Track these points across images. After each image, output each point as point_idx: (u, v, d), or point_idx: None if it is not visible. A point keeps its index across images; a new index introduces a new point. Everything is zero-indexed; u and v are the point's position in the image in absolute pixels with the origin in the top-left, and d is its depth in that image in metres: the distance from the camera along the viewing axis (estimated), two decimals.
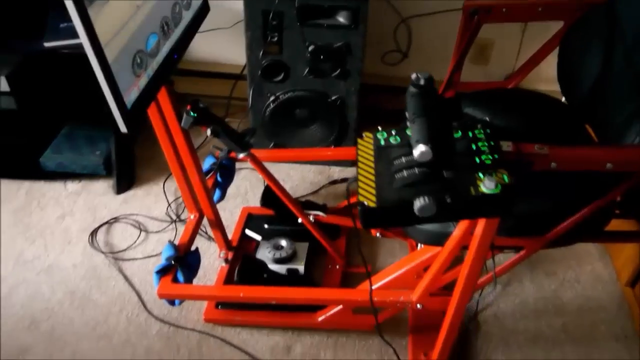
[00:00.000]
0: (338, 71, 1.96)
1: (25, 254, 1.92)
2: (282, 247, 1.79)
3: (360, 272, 1.78)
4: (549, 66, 1.61)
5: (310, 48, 1.91)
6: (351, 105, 2.07)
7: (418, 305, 1.42)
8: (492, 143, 0.97)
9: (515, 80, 1.69)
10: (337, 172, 2.28)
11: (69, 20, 0.90)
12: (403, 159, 0.94)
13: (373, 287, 1.38)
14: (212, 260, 1.89)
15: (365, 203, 0.90)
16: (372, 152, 1.01)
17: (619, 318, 1.70)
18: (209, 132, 1.42)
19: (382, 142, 1.01)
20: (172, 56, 1.25)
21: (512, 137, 1.01)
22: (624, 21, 1.35)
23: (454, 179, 0.90)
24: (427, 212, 0.87)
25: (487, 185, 0.88)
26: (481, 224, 1.07)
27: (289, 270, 1.74)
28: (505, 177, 0.90)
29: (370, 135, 1.04)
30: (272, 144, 2.20)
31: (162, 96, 1.36)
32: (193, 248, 1.59)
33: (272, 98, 2.06)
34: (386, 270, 1.48)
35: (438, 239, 1.26)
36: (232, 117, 2.39)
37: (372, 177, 0.95)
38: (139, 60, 1.09)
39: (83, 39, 0.93)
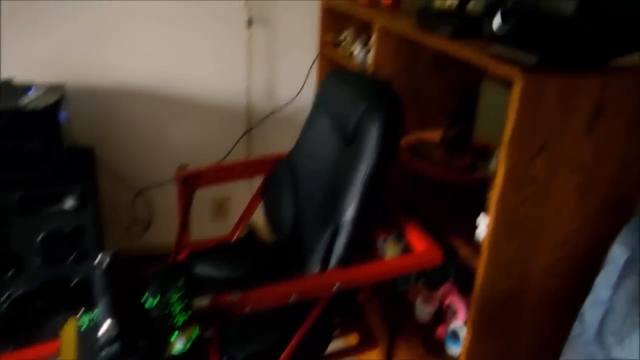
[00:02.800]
0: (74, 254, 1.96)
1: None
2: None
3: None
4: None
5: (40, 236, 1.90)
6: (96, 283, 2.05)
7: None
8: (186, 302, 1.08)
9: (236, 233, 1.88)
10: None
11: None
12: (101, 339, 0.99)
13: None
14: None
15: None
16: (74, 339, 1.04)
17: None
18: None
19: (84, 326, 1.05)
20: None
21: (234, 286, 1.13)
22: (300, 169, 1.65)
23: (148, 346, 0.97)
24: None
25: (177, 346, 0.97)
26: None
27: None
28: (195, 333, 1.00)
29: (73, 320, 1.08)
30: (12, 347, 2.02)
31: None
32: None
33: (3, 297, 1.94)
34: None
35: None
36: None
37: None
38: None
39: None
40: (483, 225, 1.32)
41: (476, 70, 1.76)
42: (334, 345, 1.54)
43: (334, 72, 1.70)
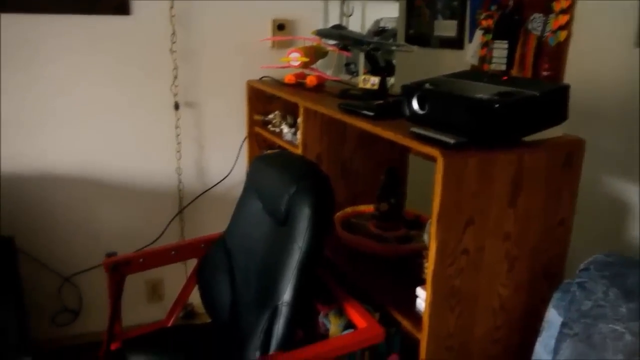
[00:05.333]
0: None
1: None
2: None
3: None
4: None
5: None
6: None
7: None
8: None
9: (172, 317, 1.81)
10: None
11: None
12: None
13: None
14: None
15: None
16: None
17: None
18: None
19: None
20: None
21: None
22: (234, 251, 1.64)
23: None
24: None
25: None
26: None
27: None
28: None
29: None
30: None
31: None
32: None
33: None
34: None
35: None
36: None
37: None
38: None
39: None
40: (422, 297, 1.35)
41: (401, 146, 1.85)
42: None
43: (261, 156, 1.73)
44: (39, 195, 2.22)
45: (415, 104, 1.28)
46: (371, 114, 1.50)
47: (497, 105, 1.13)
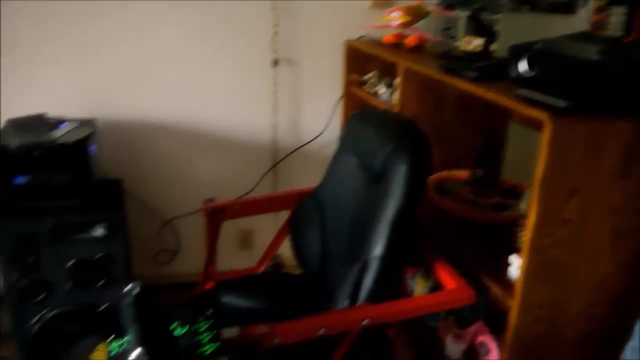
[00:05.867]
0: (103, 281, 1.99)
1: None
2: None
3: None
4: None
5: (70, 263, 1.94)
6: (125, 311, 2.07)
7: None
8: (215, 332, 1.09)
9: (263, 265, 1.89)
10: None
11: None
12: None
13: None
14: None
15: None
16: None
17: None
18: None
19: (113, 352, 1.07)
20: None
21: (261, 319, 1.13)
22: (327, 205, 1.67)
23: None
24: None
25: None
26: None
27: None
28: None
29: (103, 346, 1.09)
30: None
31: None
32: None
33: (35, 319, 1.98)
34: None
35: None
36: None
37: None
38: None
39: None
40: (516, 265, 1.32)
41: (502, 111, 1.78)
42: None
43: (360, 112, 1.73)
44: (147, 142, 2.37)
45: (523, 65, 1.22)
46: (474, 75, 1.46)
47: (617, 68, 1.05)
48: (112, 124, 2.28)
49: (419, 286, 1.72)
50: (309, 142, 2.50)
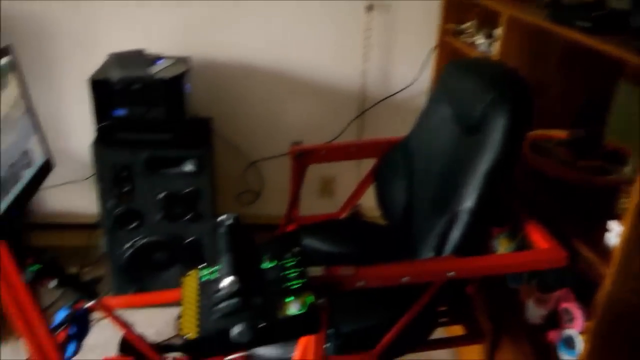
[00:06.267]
0: (190, 215, 2.08)
1: None
2: None
3: None
4: None
5: (161, 195, 2.03)
6: (208, 245, 2.17)
7: None
8: (301, 269, 1.11)
9: (344, 212, 1.90)
10: None
11: None
12: (219, 292, 1.04)
13: None
14: None
15: (187, 336, 0.98)
16: (195, 288, 1.10)
17: None
18: (51, 284, 1.43)
19: (204, 278, 1.12)
20: (11, 213, 1.29)
21: (340, 261, 1.15)
22: (415, 155, 1.64)
23: (264, 305, 1.01)
24: (244, 338, 0.97)
25: (292, 308, 1.00)
26: (311, 344, 1.17)
27: None
28: (310, 299, 1.03)
29: (195, 272, 1.15)
30: (132, 290, 2.21)
31: (2, 253, 1.37)
32: None
33: (127, 245, 2.11)
34: None
35: None
36: (89, 267, 2.38)
37: (196, 311, 1.04)
38: None
39: None
40: (615, 231, 1.25)
41: (610, 69, 1.65)
42: (437, 333, 1.53)
43: (458, 60, 1.66)
44: (237, 83, 2.40)
45: None
46: (588, 25, 1.35)
47: None
48: (205, 63, 2.32)
49: (502, 247, 1.67)
50: (398, 92, 2.45)
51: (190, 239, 2.14)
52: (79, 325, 1.74)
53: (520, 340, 1.58)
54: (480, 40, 2.05)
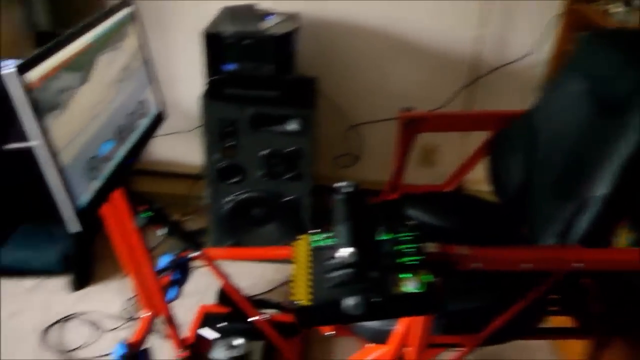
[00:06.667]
0: (291, 174, 2.08)
1: None
2: (236, 347, 1.80)
3: None
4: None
5: (264, 152, 2.04)
6: (305, 206, 2.17)
7: None
8: (417, 245, 1.06)
9: (452, 184, 1.82)
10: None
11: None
12: (333, 260, 1.02)
13: None
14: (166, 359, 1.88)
15: (299, 302, 0.96)
16: (307, 253, 1.09)
17: None
18: (161, 232, 1.48)
19: (317, 244, 1.10)
20: (126, 161, 1.33)
21: (446, 238, 1.10)
22: (539, 132, 1.52)
23: (379, 279, 0.98)
24: (356, 311, 0.94)
25: (409, 285, 0.96)
26: (417, 321, 1.14)
27: None
28: (428, 277, 0.98)
29: (306, 237, 1.13)
30: (230, 243, 2.26)
31: (117, 197, 1.43)
32: (147, 347, 1.60)
33: (228, 198, 2.15)
34: None
35: (381, 337, 1.31)
36: (190, 216, 2.46)
37: (308, 277, 1.02)
38: (92, 165, 1.15)
39: (39, 147, 1.00)
40: None
41: None
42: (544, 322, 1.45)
43: (599, 31, 1.51)
44: (345, 44, 2.33)
45: None
46: None
47: None
48: (314, 22, 2.27)
49: (622, 237, 1.54)
50: (515, 60, 2.28)
51: (288, 197, 2.15)
52: (181, 272, 1.81)
53: (637, 344, 1.47)
54: (616, 8, 1.86)
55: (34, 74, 0.98)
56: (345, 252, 0.94)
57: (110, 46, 1.25)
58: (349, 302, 0.94)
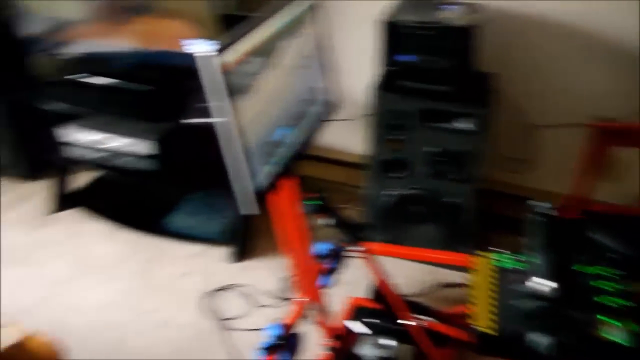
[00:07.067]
0: (457, 175, 1.98)
1: (145, 305, 2.10)
2: (385, 347, 1.76)
3: None
4: None
5: (432, 149, 1.96)
6: (467, 209, 2.06)
7: None
8: (623, 287, 0.93)
9: None
10: (448, 275, 2.22)
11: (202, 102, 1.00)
12: (523, 288, 0.93)
13: None
14: (313, 346, 1.90)
15: (481, 329, 0.89)
16: (491, 274, 1.00)
17: None
18: (326, 221, 1.48)
19: (503, 265, 1.01)
20: (299, 147, 1.33)
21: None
22: None
23: (574, 317, 0.87)
24: (548, 351, 0.85)
25: (612, 332, 0.84)
26: None
27: None
28: (634, 327, 0.85)
29: (492, 255, 1.04)
30: (382, 238, 2.22)
31: (287, 182, 1.44)
32: (297, 331, 1.62)
33: (389, 192, 2.11)
34: None
35: None
36: (347, 205, 2.45)
37: (491, 301, 0.94)
38: (267, 150, 1.16)
39: (227, 125, 1.02)
40: None
41: None
42: None
43: None
44: (530, 40, 2.16)
45: None
46: None
47: None
48: (499, 14, 2.11)
49: None
50: None
51: (451, 199, 2.05)
52: (337, 262, 1.81)
53: None
54: None
55: (230, 56, 1.00)
56: (542, 283, 0.85)
57: (292, 33, 1.25)
58: (539, 339, 0.85)
